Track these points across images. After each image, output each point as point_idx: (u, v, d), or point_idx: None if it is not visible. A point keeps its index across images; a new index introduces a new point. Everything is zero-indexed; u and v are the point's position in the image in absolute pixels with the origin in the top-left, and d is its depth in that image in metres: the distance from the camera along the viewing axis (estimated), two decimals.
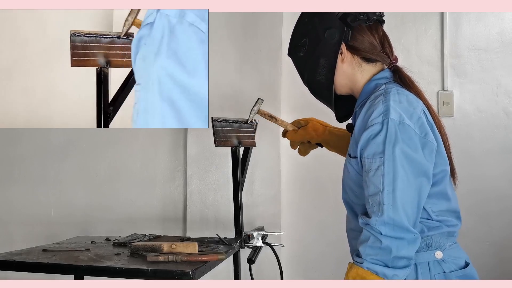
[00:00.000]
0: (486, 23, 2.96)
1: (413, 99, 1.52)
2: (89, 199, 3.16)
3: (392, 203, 1.38)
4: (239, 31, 2.99)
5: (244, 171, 2.32)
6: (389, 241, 1.38)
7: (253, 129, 2.37)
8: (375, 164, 1.42)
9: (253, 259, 1.99)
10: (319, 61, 1.61)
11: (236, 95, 2.96)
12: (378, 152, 1.42)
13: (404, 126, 1.42)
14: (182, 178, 3.10)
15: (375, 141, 1.43)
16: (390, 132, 1.41)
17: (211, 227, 2.93)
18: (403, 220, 1.38)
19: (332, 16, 1.62)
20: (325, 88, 1.63)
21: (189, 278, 1.65)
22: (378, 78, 1.60)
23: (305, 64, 1.65)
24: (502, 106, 2.94)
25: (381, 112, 1.44)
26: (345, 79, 1.62)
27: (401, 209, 1.38)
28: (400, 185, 1.39)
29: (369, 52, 1.61)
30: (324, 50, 1.60)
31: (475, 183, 2.88)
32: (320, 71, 1.62)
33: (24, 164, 3.22)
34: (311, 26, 1.63)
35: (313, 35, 1.62)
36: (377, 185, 1.41)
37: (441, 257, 1.49)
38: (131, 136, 3.14)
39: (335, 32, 1.59)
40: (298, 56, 1.67)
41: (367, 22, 1.61)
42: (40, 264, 1.80)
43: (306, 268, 3.06)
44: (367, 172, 1.43)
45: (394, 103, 1.46)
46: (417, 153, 1.42)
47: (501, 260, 2.87)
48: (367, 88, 1.61)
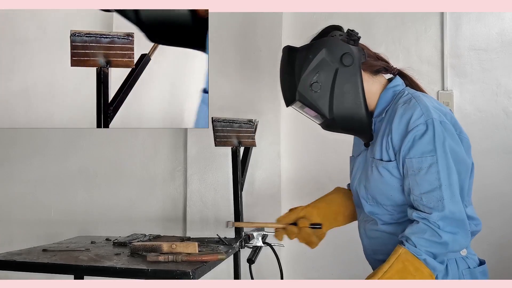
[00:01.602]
0: (486, 23, 2.96)
1: (438, 101, 1.62)
2: (89, 199, 3.16)
3: (451, 196, 1.46)
4: (239, 31, 2.99)
5: (244, 171, 2.32)
6: (447, 236, 1.44)
7: (253, 129, 2.37)
8: (427, 162, 1.47)
9: (253, 259, 1.99)
10: (344, 89, 1.59)
11: (236, 95, 2.96)
12: (428, 150, 1.47)
13: (445, 124, 1.50)
14: (182, 178, 3.10)
15: (423, 140, 1.48)
16: (437, 130, 1.48)
17: (211, 227, 2.93)
18: (463, 212, 1.48)
19: (337, 41, 1.60)
20: (358, 114, 1.60)
21: (189, 278, 1.65)
22: (393, 86, 1.65)
23: (327, 99, 1.59)
24: (502, 106, 2.94)
25: (421, 114, 1.50)
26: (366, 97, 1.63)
27: (459, 201, 1.48)
28: (454, 179, 1.48)
29: (375, 63, 1.64)
30: (346, 76, 1.58)
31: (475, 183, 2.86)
32: (348, 99, 1.59)
33: (24, 164, 3.22)
34: (321, 59, 1.59)
35: (327, 66, 1.58)
36: (432, 182, 1.46)
37: (465, 254, 1.58)
38: (131, 136, 3.14)
39: (350, 56, 1.58)
40: (314, 95, 1.59)
41: (359, 39, 1.63)
42: (40, 264, 1.80)
43: (306, 268, 3.06)
44: (417, 171, 1.48)
45: (430, 104, 1.53)
46: (460, 148, 1.53)
47: (500, 259, 2.86)
48: (384, 97, 1.64)
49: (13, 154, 3.23)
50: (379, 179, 1.58)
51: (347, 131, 1.67)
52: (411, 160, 1.49)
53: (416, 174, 1.48)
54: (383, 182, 1.58)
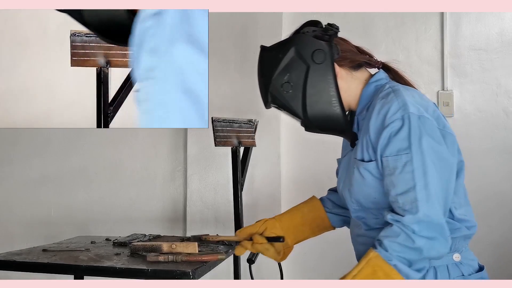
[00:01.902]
0: (486, 23, 2.96)
1: (422, 94, 1.48)
2: (89, 199, 3.16)
3: (426, 198, 1.32)
4: (239, 31, 2.99)
5: (244, 171, 2.32)
6: (422, 241, 1.31)
7: (253, 129, 2.37)
8: (402, 161, 1.35)
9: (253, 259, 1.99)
10: (316, 88, 1.49)
11: (236, 95, 2.96)
12: (404, 148, 1.35)
13: (424, 119, 1.37)
14: (182, 178, 3.10)
15: (398, 137, 1.36)
16: (413, 126, 1.35)
17: (211, 227, 2.94)
18: (440, 216, 1.33)
19: (307, 38, 1.51)
20: (334, 113, 1.50)
21: (189, 278, 1.65)
22: (375, 80, 1.54)
23: (300, 99, 1.51)
24: (502, 106, 2.94)
25: (398, 108, 1.38)
26: (344, 95, 1.52)
27: (436, 204, 1.32)
28: (431, 179, 1.33)
29: (354, 58, 1.54)
30: (318, 74, 1.49)
31: (474, 183, 2.88)
32: (321, 98, 1.50)
33: (24, 164, 3.22)
34: (290, 57, 1.52)
35: (297, 65, 1.50)
36: (407, 181, 1.34)
37: (459, 260, 1.46)
38: (131, 136, 3.14)
39: (322, 52, 1.49)
40: (286, 96, 1.52)
41: (336, 35, 1.54)
42: (40, 264, 1.80)
43: (306, 268, 3.06)
44: (393, 171, 1.36)
45: (408, 97, 1.40)
46: (441, 146, 1.37)
47: (500, 259, 2.87)
48: (366, 92, 1.53)
49: (13, 154, 3.23)
50: (361, 181, 1.46)
51: (325, 131, 1.57)
52: (387, 159, 1.37)
53: (392, 174, 1.36)
54: (365, 184, 1.46)
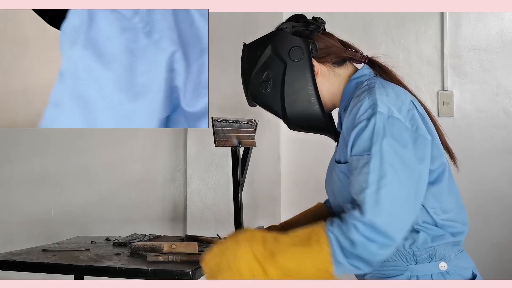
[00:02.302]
0: (486, 23, 2.96)
1: (401, 91, 1.38)
2: (89, 199, 3.16)
3: (374, 204, 1.21)
4: (239, 31, 2.99)
5: (244, 171, 2.32)
6: (359, 238, 1.20)
7: (253, 129, 2.37)
8: (362, 162, 1.27)
9: None
10: (294, 87, 1.45)
11: (236, 95, 2.96)
12: (366, 148, 1.27)
13: (393, 120, 1.28)
14: (182, 178, 3.10)
15: (362, 137, 1.29)
16: (378, 126, 1.27)
17: (211, 227, 2.93)
18: (385, 224, 1.21)
19: (285, 35, 1.48)
20: (313, 113, 1.46)
21: (189, 278, 1.65)
22: (358, 77, 1.47)
23: (278, 98, 1.47)
24: (502, 106, 2.94)
25: (368, 107, 1.31)
26: (326, 93, 1.48)
27: (385, 211, 1.21)
28: (387, 184, 1.22)
29: (337, 54, 1.49)
30: (296, 73, 1.45)
31: (474, 183, 2.88)
32: (300, 97, 1.46)
33: (24, 164, 3.22)
34: (268, 55, 1.48)
35: (275, 63, 1.47)
36: (361, 183, 1.25)
37: (446, 269, 1.36)
38: (131, 136, 3.14)
39: (299, 49, 1.45)
40: (264, 94, 1.48)
41: (319, 30, 1.50)
42: (40, 264, 1.80)
43: None
44: (353, 171, 1.29)
45: (381, 96, 1.32)
46: (407, 149, 1.27)
47: (501, 260, 2.87)
48: (347, 89, 1.47)
49: (13, 154, 3.23)
50: (339, 184, 1.40)
51: (306, 130, 1.53)
52: (352, 159, 1.30)
53: (352, 174, 1.29)
54: (342, 186, 1.39)
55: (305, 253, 1.24)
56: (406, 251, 1.35)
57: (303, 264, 1.24)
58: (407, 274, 1.35)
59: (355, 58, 1.51)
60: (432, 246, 1.34)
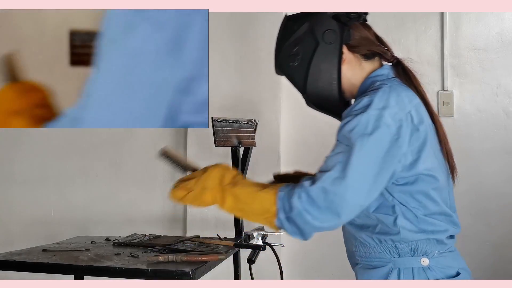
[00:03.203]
0: (486, 23, 2.96)
1: (405, 99, 1.42)
2: (89, 199, 3.16)
3: (329, 185, 1.33)
4: (239, 31, 2.99)
5: (244, 171, 2.32)
6: (298, 207, 1.35)
7: (253, 129, 2.37)
8: (337, 149, 1.37)
9: (253, 259, 1.99)
10: (319, 67, 1.50)
11: (236, 95, 2.96)
12: (344, 138, 1.36)
13: (379, 124, 1.35)
14: None
15: (346, 128, 1.37)
16: (361, 124, 1.35)
17: (211, 227, 2.93)
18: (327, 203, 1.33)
19: (325, 17, 1.52)
20: (331, 95, 1.51)
21: (189, 278, 1.65)
22: (375, 76, 1.52)
23: (302, 73, 1.52)
24: (502, 106, 2.94)
25: (363, 105, 1.38)
26: (346, 83, 1.53)
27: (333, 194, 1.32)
28: (347, 176, 1.33)
29: (368, 46, 1.53)
30: (325, 54, 1.49)
31: (474, 183, 2.88)
32: (323, 78, 1.50)
33: (24, 164, 3.22)
34: (303, 31, 1.52)
35: (308, 40, 1.51)
36: (328, 165, 1.36)
37: (427, 264, 1.42)
38: (131, 136, 3.14)
39: (333, 33, 1.50)
40: (291, 67, 1.53)
41: (359, 20, 1.54)
42: (40, 264, 1.80)
43: (306, 268, 3.06)
44: (330, 152, 1.39)
45: (379, 100, 1.38)
46: (378, 152, 1.35)
47: (500, 259, 2.87)
48: (362, 86, 1.52)
49: (13, 154, 3.23)
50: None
51: (321, 109, 1.59)
52: (335, 141, 1.40)
53: (328, 153, 1.40)
54: None
55: (259, 191, 1.43)
56: (388, 244, 1.44)
57: (254, 198, 1.42)
58: (389, 266, 1.44)
59: (384, 56, 1.56)
60: (414, 241, 1.42)
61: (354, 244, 1.52)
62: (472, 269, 1.59)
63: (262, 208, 1.41)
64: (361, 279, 1.50)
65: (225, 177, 1.47)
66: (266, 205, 1.40)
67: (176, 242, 2.10)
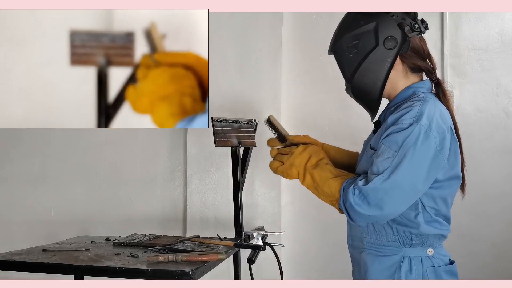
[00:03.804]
0: (486, 23, 2.96)
1: (446, 115, 1.61)
2: (89, 199, 3.16)
3: (379, 185, 1.52)
4: (239, 31, 2.99)
5: (244, 171, 2.32)
6: (351, 201, 1.54)
7: (253, 129, 2.37)
8: (387, 153, 1.53)
9: (253, 259, 1.99)
10: (370, 67, 1.62)
11: (236, 95, 2.96)
12: (395, 145, 1.53)
13: (428, 136, 1.52)
14: (182, 178, 3.10)
15: (397, 135, 1.53)
16: (414, 134, 1.52)
17: (211, 227, 2.93)
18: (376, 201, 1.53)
19: (392, 23, 1.62)
20: (372, 94, 1.65)
21: (189, 278, 1.65)
22: (417, 86, 1.67)
23: (354, 66, 1.65)
24: (502, 106, 2.94)
25: (413, 116, 1.54)
26: (388, 85, 1.66)
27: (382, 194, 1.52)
28: (395, 180, 1.52)
29: (418, 62, 1.67)
30: (380, 57, 1.61)
31: (474, 183, 2.86)
32: (370, 76, 1.63)
33: (24, 164, 3.22)
34: (368, 29, 1.62)
35: (369, 39, 1.62)
36: (379, 167, 1.54)
37: (432, 254, 1.63)
38: (131, 136, 3.14)
39: (394, 41, 1.61)
40: (346, 56, 1.66)
41: (419, 34, 1.65)
42: (40, 264, 1.80)
43: (306, 268, 3.06)
44: (379, 155, 1.55)
45: (429, 112, 1.55)
46: (424, 162, 1.53)
47: (500, 259, 2.87)
48: (404, 93, 1.67)
49: (13, 154, 3.23)
50: (366, 166, 1.64)
51: (358, 100, 1.72)
52: (381, 145, 1.56)
53: (377, 157, 1.56)
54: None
55: (330, 179, 1.63)
56: (405, 235, 1.62)
57: (324, 183, 1.63)
58: (401, 255, 1.62)
59: (428, 73, 1.71)
60: (427, 234, 1.62)
61: (366, 231, 1.68)
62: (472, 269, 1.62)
63: (329, 192, 1.62)
64: (372, 265, 1.65)
65: (311, 159, 1.69)
66: (332, 191, 1.61)
67: (176, 242, 2.10)
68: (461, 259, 1.91)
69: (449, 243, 1.76)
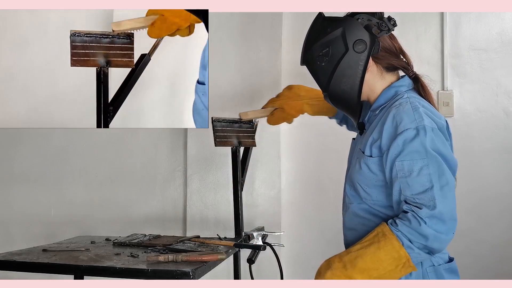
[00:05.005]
0: (486, 23, 2.96)
1: (435, 110, 1.63)
2: (89, 199, 3.16)
3: (442, 198, 1.48)
4: (238, 31, 2.99)
5: (244, 171, 2.32)
6: (429, 231, 1.47)
7: (253, 129, 2.37)
8: (418, 165, 1.51)
9: (253, 259, 1.99)
10: (344, 72, 1.62)
11: (236, 95, 2.96)
12: (419, 153, 1.51)
13: (436, 132, 1.54)
14: (182, 178, 3.10)
15: (414, 144, 1.51)
16: (429, 136, 1.51)
17: (211, 227, 2.93)
18: (453, 211, 1.50)
19: (358, 26, 1.61)
20: (350, 99, 1.64)
21: (189, 278, 1.65)
22: (398, 86, 1.67)
23: (327, 74, 1.64)
24: (502, 106, 2.94)
25: (413, 119, 1.53)
26: (365, 87, 1.65)
27: (449, 204, 1.50)
28: (446, 181, 1.51)
29: (392, 61, 1.66)
30: (352, 62, 1.61)
31: (475, 183, 2.88)
32: (346, 82, 1.63)
33: (24, 164, 3.22)
34: (336, 36, 1.62)
35: (338, 46, 1.62)
36: (424, 183, 1.50)
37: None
38: (131, 136, 3.14)
39: (364, 44, 1.60)
40: (318, 66, 1.66)
41: (388, 33, 1.65)
42: (40, 264, 1.80)
43: (306, 268, 3.05)
44: (408, 174, 1.51)
45: (424, 111, 1.56)
46: (450, 155, 1.55)
47: (501, 260, 2.86)
48: (386, 94, 1.67)
49: (13, 154, 3.23)
50: (358, 170, 1.64)
51: (338, 107, 1.72)
52: (402, 163, 1.53)
53: (407, 176, 1.52)
54: (361, 174, 1.64)
55: (378, 249, 1.51)
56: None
57: (380, 258, 1.50)
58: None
59: (404, 70, 1.70)
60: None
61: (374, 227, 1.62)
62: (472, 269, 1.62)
63: (393, 260, 1.51)
64: None
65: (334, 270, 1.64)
66: (395, 254, 1.50)
67: (176, 242, 2.10)
68: (461, 259, 1.91)
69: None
